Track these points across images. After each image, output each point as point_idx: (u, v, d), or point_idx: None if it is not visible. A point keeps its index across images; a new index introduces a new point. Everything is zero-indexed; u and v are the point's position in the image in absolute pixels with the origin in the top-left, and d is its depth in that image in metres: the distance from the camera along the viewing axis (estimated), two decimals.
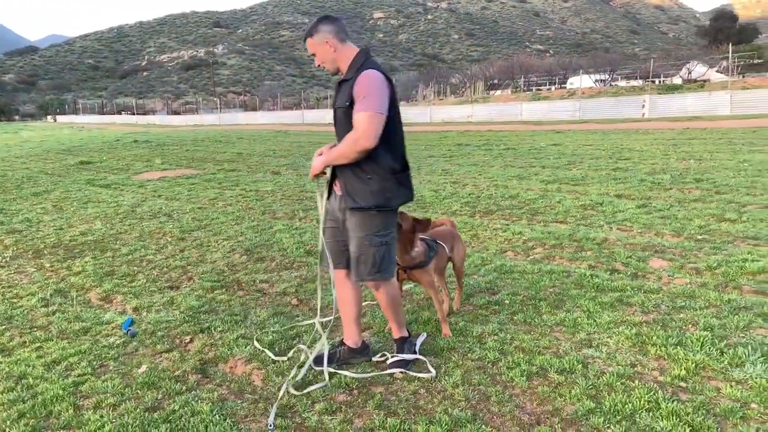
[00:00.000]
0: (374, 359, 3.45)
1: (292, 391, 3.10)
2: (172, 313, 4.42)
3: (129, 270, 5.65)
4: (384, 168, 3.02)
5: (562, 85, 55.57)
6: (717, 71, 48.16)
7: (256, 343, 3.73)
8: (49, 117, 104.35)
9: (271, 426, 2.80)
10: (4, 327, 4.28)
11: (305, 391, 3.10)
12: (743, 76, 42.75)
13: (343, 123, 3.04)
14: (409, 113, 43.83)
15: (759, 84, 33.71)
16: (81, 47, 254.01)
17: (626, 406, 2.76)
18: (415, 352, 3.40)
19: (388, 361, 3.35)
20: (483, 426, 2.71)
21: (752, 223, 6.05)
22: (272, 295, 4.73)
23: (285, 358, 3.53)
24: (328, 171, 3.17)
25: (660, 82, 48.99)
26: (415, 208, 8.05)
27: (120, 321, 4.28)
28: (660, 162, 11.18)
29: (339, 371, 3.29)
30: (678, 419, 2.63)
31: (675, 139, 16.18)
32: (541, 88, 57.76)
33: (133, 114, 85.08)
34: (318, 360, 3.35)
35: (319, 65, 3.12)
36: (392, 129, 3.00)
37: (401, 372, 3.24)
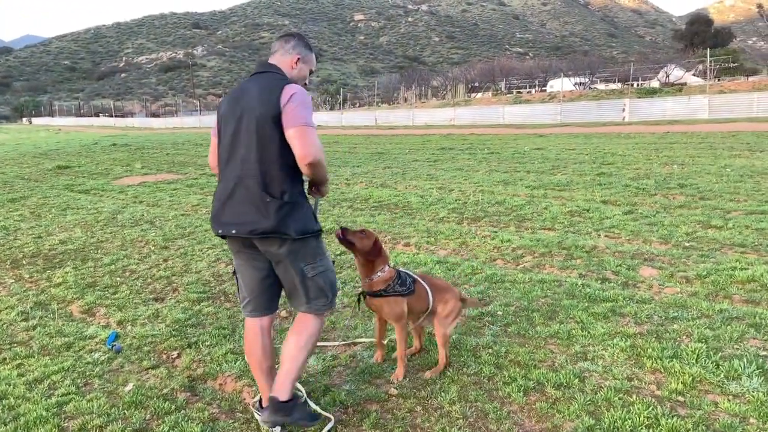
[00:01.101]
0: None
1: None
2: (158, 326, 4.31)
3: (112, 281, 5.51)
4: None
5: (543, 88, 55.99)
6: (693, 75, 48.94)
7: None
8: (24, 119, 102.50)
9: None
10: None
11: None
12: (718, 80, 43.51)
13: None
14: (391, 116, 43.89)
15: (735, 88, 34.32)
16: (57, 48, 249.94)
17: (626, 422, 2.73)
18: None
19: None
20: None
21: (738, 229, 6.11)
22: None
23: None
24: None
25: (638, 85, 49.62)
26: (402, 215, 8.01)
27: (104, 335, 4.17)
28: (643, 167, 11.28)
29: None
30: None
31: (656, 143, 16.37)
32: (521, 90, 58.15)
33: (111, 116, 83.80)
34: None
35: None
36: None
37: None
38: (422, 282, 3.39)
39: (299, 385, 3.26)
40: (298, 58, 2.88)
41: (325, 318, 2.97)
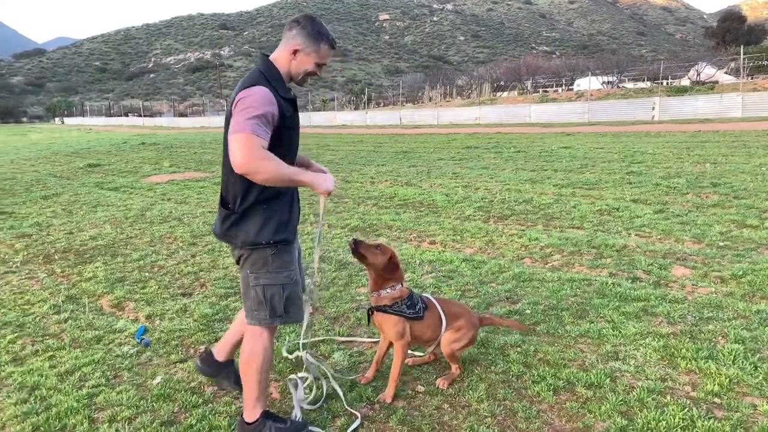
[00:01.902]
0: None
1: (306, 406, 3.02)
2: (186, 321, 4.35)
3: (140, 276, 5.58)
4: None
5: (569, 87, 55.33)
6: (726, 73, 47.84)
7: (285, 353, 3.62)
8: (56, 119, 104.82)
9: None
10: (16, 335, 4.21)
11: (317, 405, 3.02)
12: (752, 78, 42.46)
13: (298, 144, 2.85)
14: (416, 115, 43.83)
15: None
16: (88, 49, 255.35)
17: (660, 423, 2.66)
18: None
19: None
20: None
21: None
22: None
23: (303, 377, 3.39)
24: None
25: (668, 83, 48.72)
26: (427, 213, 7.97)
27: (133, 329, 4.21)
28: (674, 165, 11.05)
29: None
30: None
31: (687, 141, 16.03)
32: (548, 89, 57.56)
33: (140, 116, 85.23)
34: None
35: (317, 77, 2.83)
36: None
37: None
38: (438, 308, 3.22)
39: (334, 383, 3.20)
40: (295, 50, 2.58)
41: (272, 334, 2.77)
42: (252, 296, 2.68)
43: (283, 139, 2.56)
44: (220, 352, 3.18)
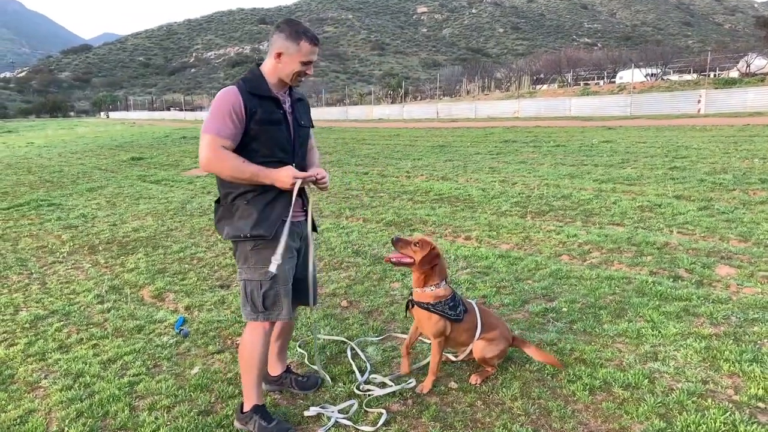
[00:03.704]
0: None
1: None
2: (223, 312, 4.43)
3: (180, 268, 5.71)
4: None
5: (612, 80, 54.04)
6: None
7: (356, 353, 3.64)
8: (102, 113, 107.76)
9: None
10: (62, 323, 4.37)
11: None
12: None
13: (305, 142, 2.92)
14: (453, 109, 43.52)
15: None
16: (132, 45, 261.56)
17: (700, 427, 2.60)
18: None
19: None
20: None
21: None
22: (322, 296, 4.69)
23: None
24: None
25: (715, 75, 47.07)
26: (463, 208, 7.92)
27: (172, 320, 4.32)
28: (720, 161, 10.69)
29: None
30: None
31: (735, 136, 15.48)
32: (589, 82, 56.34)
33: (182, 110, 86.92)
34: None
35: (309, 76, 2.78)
36: None
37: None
38: (477, 315, 3.20)
39: (356, 373, 3.26)
40: (279, 53, 2.64)
41: (266, 332, 2.79)
42: (240, 291, 2.82)
43: (255, 133, 2.60)
44: (272, 369, 3.23)
